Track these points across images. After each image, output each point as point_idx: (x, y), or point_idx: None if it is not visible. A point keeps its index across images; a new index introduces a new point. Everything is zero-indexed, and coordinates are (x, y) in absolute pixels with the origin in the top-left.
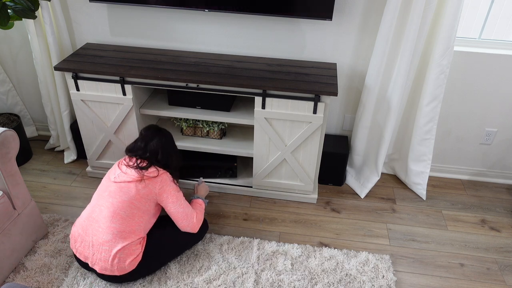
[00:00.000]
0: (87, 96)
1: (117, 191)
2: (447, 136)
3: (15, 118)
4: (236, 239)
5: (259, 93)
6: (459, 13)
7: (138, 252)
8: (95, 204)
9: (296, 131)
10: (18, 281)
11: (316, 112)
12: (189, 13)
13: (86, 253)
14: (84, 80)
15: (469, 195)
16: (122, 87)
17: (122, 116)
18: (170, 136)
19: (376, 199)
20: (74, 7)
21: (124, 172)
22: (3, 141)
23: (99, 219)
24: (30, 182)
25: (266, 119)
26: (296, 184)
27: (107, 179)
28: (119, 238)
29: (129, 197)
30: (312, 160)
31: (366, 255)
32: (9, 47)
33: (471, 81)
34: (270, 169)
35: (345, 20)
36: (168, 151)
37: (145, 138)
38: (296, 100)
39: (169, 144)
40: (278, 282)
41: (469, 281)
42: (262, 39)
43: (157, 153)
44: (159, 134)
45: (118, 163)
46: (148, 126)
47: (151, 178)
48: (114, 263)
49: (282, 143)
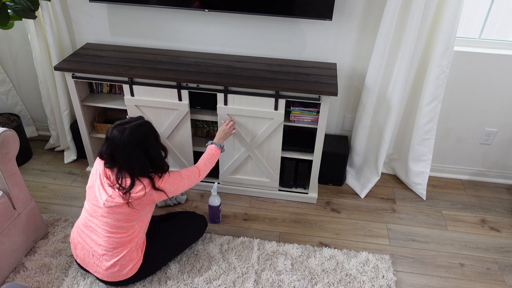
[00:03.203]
0: (142, 102)
1: (110, 212)
2: (447, 136)
3: (15, 118)
4: (236, 239)
5: (221, 89)
6: (459, 13)
7: (138, 257)
8: (91, 215)
9: (259, 128)
10: (18, 281)
11: (277, 109)
12: (189, 13)
13: (87, 261)
14: (140, 85)
15: (469, 195)
16: (179, 93)
17: (176, 121)
18: (146, 130)
19: (376, 199)
20: (74, 7)
21: (111, 196)
22: (3, 141)
23: (97, 231)
24: (30, 182)
25: (229, 116)
26: (262, 180)
27: (95, 197)
28: (119, 247)
29: (125, 214)
30: (276, 157)
31: (366, 255)
32: (9, 47)
33: (471, 81)
34: (236, 165)
35: (345, 20)
36: (145, 154)
37: (114, 141)
38: (258, 97)
39: (143, 143)
40: (278, 282)
41: (469, 281)
42: (262, 39)
43: (135, 164)
44: (124, 142)
45: (100, 178)
46: (115, 124)
47: (141, 197)
48: (115, 271)
49: (245, 140)
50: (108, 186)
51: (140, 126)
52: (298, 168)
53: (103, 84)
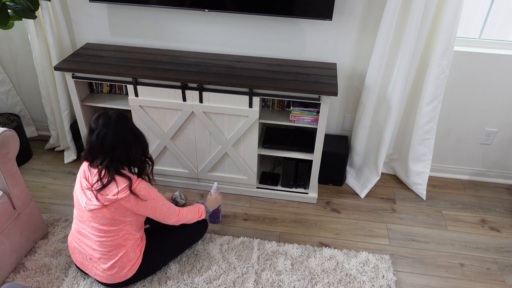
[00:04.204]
0: (146, 102)
1: (93, 216)
2: (447, 136)
3: (15, 118)
4: (236, 239)
5: (195, 86)
6: (459, 13)
7: (137, 256)
8: (80, 221)
9: (234, 125)
10: (18, 281)
11: (251, 106)
12: (189, 13)
13: (86, 264)
14: (144, 86)
15: (469, 195)
16: (183, 93)
17: (180, 122)
18: (130, 117)
19: (376, 199)
20: (74, 7)
21: (89, 199)
22: (3, 141)
23: (89, 237)
24: (30, 182)
25: (205, 113)
26: (240, 177)
27: (78, 200)
28: (115, 250)
29: (108, 219)
30: (253, 154)
31: (366, 255)
32: (9, 47)
33: (471, 81)
34: (214, 163)
35: (345, 20)
36: (125, 150)
37: (100, 134)
38: (232, 94)
39: (124, 138)
40: (278, 282)
41: (469, 281)
42: (262, 39)
43: (129, 148)
44: (109, 127)
45: (80, 181)
46: (96, 117)
47: (115, 199)
48: (114, 273)
49: (222, 137)
50: (87, 189)
51: (122, 114)
52: (298, 168)
53: (103, 84)
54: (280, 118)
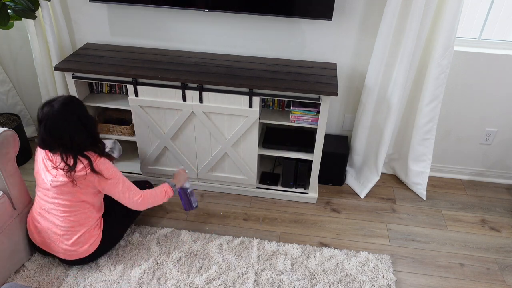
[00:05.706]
0: (146, 102)
1: (58, 192)
2: (447, 136)
3: (15, 118)
4: (236, 239)
5: (195, 86)
6: (459, 13)
7: (98, 233)
8: (43, 199)
9: (234, 125)
10: (18, 281)
11: (251, 106)
12: (189, 13)
13: (48, 243)
14: (144, 86)
15: (469, 195)
16: (183, 93)
17: (180, 122)
18: (76, 101)
19: (376, 199)
20: (74, 7)
21: (55, 176)
22: (3, 141)
23: (54, 213)
24: (30, 182)
25: (205, 113)
26: (239, 177)
27: (43, 180)
28: (77, 226)
29: (71, 195)
30: (253, 154)
31: (366, 255)
32: (9, 47)
33: (471, 81)
34: (213, 163)
35: (345, 20)
36: (72, 137)
37: (46, 125)
38: (232, 94)
39: (76, 111)
40: (278, 282)
41: (469, 281)
42: (262, 39)
43: (75, 134)
44: (52, 117)
45: (44, 162)
46: (41, 107)
47: (84, 176)
48: (76, 249)
49: (222, 137)
50: (52, 168)
51: (69, 98)
52: (298, 168)
53: (103, 84)
54: (280, 118)
